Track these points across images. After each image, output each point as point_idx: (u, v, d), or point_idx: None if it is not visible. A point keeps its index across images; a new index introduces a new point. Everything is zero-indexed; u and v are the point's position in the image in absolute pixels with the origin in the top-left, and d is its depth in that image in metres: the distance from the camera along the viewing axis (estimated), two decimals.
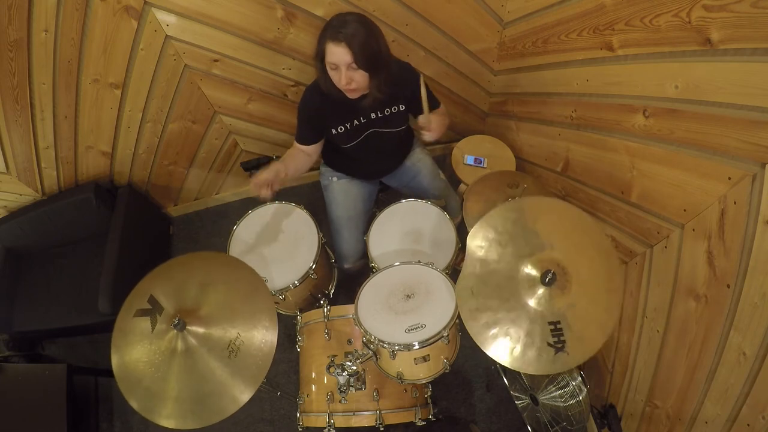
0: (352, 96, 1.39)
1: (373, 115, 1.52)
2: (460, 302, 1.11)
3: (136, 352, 1.13)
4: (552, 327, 1.04)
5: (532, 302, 1.06)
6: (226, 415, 1.03)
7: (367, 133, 1.56)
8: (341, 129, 1.53)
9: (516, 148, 2.18)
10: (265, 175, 1.35)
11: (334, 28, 1.26)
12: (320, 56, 1.32)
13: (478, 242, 1.14)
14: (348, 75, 1.30)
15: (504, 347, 1.04)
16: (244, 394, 1.05)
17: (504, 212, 1.17)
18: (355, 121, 1.52)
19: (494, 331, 1.05)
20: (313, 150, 1.61)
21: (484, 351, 1.05)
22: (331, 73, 1.33)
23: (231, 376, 1.07)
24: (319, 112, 1.50)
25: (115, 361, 1.13)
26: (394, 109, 1.54)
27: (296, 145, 1.60)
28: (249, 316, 1.14)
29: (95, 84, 1.74)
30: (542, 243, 1.12)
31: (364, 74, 1.32)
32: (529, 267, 1.09)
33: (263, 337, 1.11)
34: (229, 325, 1.13)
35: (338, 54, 1.26)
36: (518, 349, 1.03)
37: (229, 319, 1.14)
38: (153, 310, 1.16)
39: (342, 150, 1.61)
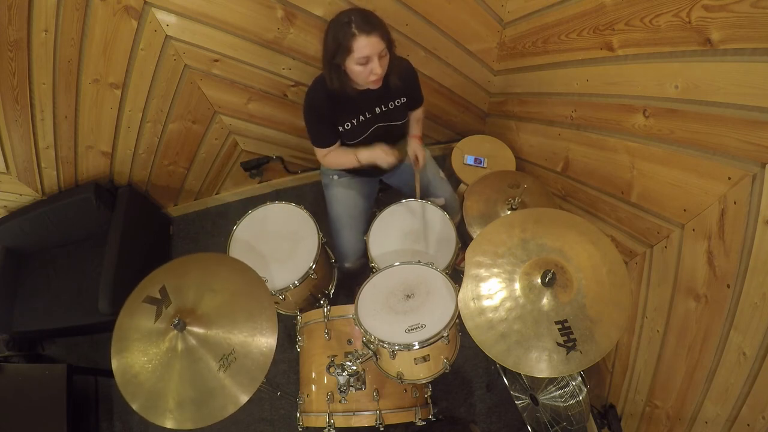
0: (375, 86, 1.40)
1: (377, 110, 1.54)
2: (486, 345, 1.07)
3: (137, 352, 1.13)
4: (559, 326, 1.03)
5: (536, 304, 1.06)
6: (225, 415, 1.03)
7: (373, 128, 1.57)
8: (348, 126, 1.54)
9: (516, 148, 2.18)
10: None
11: (356, 23, 1.26)
12: (343, 54, 1.31)
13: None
14: (382, 63, 1.33)
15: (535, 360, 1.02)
16: (243, 394, 1.05)
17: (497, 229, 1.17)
18: (361, 117, 1.53)
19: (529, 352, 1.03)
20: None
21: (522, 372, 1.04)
22: (358, 69, 1.33)
23: (231, 376, 1.07)
24: (326, 110, 1.50)
25: (114, 362, 1.12)
26: (397, 102, 1.56)
27: (324, 151, 1.60)
28: (249, 317, 1.14)
29: (95, 84, 1.74)
30: (536, 247, 1.12)
31: (388, 58, 1.36)
32: (528, 271, 1.09)
33: (263, 337, 1.11)
34: (229, 325, 1.13)
35: (372, 45, 1.28)
36: (534, 354, 1.02)
37: (229, 319, 1.14)
38: (161, 300, 1.17)
39: (348, 147, 1.62)
